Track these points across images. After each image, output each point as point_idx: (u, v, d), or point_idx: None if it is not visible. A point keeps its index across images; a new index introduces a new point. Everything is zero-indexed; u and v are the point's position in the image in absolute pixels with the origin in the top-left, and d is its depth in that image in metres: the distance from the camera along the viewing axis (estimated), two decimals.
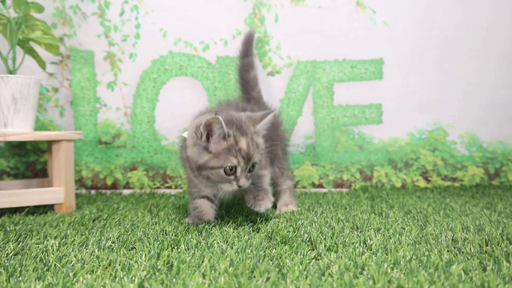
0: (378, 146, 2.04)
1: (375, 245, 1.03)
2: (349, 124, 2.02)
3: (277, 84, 1.98)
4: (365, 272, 0.84)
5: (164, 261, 0.93)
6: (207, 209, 1.34)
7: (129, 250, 1.05)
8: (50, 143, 1.53)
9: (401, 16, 1.98)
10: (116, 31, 1.92)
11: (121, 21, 1.92)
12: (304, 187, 2.03)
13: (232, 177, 1.21)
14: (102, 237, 1.13)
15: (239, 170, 1.20)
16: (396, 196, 1.80)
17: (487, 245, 1.05)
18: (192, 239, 1.09)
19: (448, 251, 1.00)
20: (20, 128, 1.52)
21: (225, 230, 1.19)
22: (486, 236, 1.10)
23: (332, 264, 0.90)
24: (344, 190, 2.02)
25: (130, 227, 1.26)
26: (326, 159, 2.02)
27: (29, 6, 1.58)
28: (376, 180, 2.05)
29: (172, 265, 0.91)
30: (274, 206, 1.58)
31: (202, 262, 0.93)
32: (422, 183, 2.06)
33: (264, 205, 1.31)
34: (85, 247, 1.06)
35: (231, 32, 1.95)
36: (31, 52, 1.66)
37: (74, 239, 1.12)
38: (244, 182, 1.21)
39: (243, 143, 1.20)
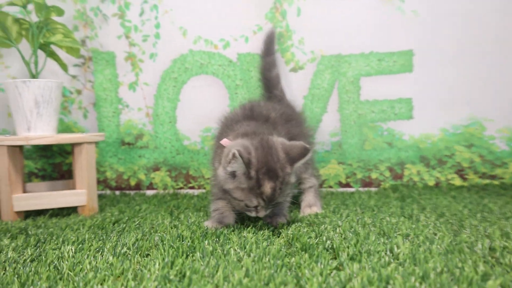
0: (408, 142, 1.93)
1: (403, 254, 0.95)
2: (377, 120, 1.92)
3: (301, 80, 1.91)
4: (389, 287, 0.77)
5: (177, 270, 0.90)
6: (228, 211, 1.29)
7: (144, 257, 1.02)
8: (73, 145, 1.53)
9: (432, 4, 1.87)
10: (136, 32, 1.90)
11: (141, 21, 1.90)
12: (331, 187, 1.95)
13: (253, 208, 1.19)
14: (119, 242, 1.11)
15: (259, 207, 1.19)
16: (429, 196, 1.71)
17: None
18: (208, 246, 1.05)
19: (484, 262, 0.91)
20: (43, 132, 1.52)
21: (244, 236, 1.15)
22: None
23: (355, 276, 0.84)
24: (373, 189, 1.93)
25: (148, 230, 1.23)
26: (353, 157, 1.94)
27: (49, 10, 1.58)
28: (407, 178, 1.95)
29: (184, 275, 0.87)
30: (299, 206, 1.53)
31: (217, 272, 0.88)
32: (457, 182, 1.95)
33: (280, 220, 1.31)
34: (100, 253, 1.04)
35: (252, 28, 1.89)
36: (53, 55, 1.66)
37: (92, 244, 1.11)
38: (264, 214, 1.21)
39: (267, 187, 1.14)
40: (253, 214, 1.21)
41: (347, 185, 1.95)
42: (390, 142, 1.94)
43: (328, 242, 1.05)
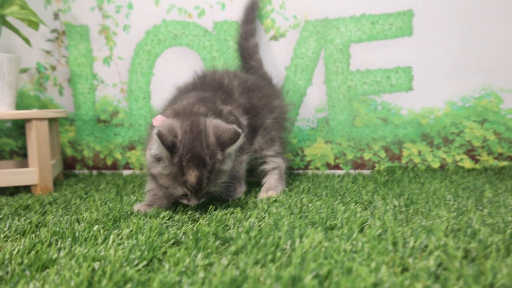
0: (407, 118, 1.68)
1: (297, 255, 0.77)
2: (370, 93, 1.69)
3: (282, 49, 1.71)
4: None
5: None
6: (162, 193, 1.16)
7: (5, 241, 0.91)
8: (25, 122, 1.46)
9: None
10: (109, 2, 1.79)
11: None
12: (317, 168, 1.76)
13: (183, 196, 1.08)
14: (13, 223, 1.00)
15: (189, 196, 1.07)
16: (422, 180, 1.47)
17: None
18: (97, 231, 0.93)
19: (389, 266, 0.71)
20: None
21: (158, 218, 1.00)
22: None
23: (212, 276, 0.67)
24: (366, 171, 1.71)
25: (73, 211, 1.13)
26: (342, 135, 1.72)
27: None
28: (407, 159, 1.71)
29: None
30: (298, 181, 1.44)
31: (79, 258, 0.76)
32: (467, 163, 1.68)
33: (237, 194, 1.24)
34: None
35: None
36: (13, 29, 1.60)
37: None
38: (196, 203, 1.08)
39: (191, 176, 1.02)
40: (185, 202, 1.09)
41: (336, 166, 1.75)
42: (385, 118, 1.70)
43: (228, 232, 0.89)
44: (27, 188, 1.51)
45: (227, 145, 1.05)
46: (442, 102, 1.66)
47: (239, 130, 1.06)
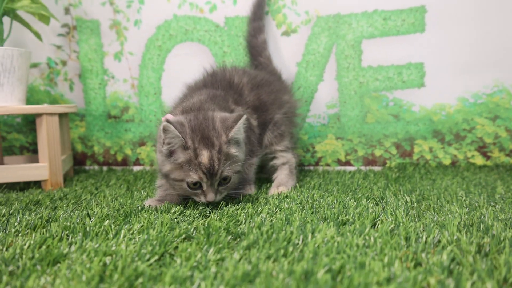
0: (419, 115, 1.67)
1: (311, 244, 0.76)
2: (381, 89, 1.67)
3: (293, 45, 1.70)
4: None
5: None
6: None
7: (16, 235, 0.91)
8: (35, 117, 1.47)
9: None
10: None
11: None
12: (328, 165, 1.75)
13: (199, 191, 1.07)
14: (24, 218, 1.01)
15: (204, 185, 1.06)
16: (434, 177, 1.46)
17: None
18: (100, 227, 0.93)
19: (404, 260, 0.70)
20: (6, 102, 1.47)
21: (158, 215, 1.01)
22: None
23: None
24: (377, 168, 1.70)
25: (84, 206, 1.13)
26: (353, 132, 1.71)
27: None
28: (418, 156, 1.69)
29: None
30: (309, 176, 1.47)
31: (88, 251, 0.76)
32: (479, 160, 1.66)
33: (246, 192, 1.25)
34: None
35: None
36: (24, 23, 1.60)
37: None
38: (213, 198, 1.07)
39: (204, 156, 1.03)
40: (201, 198, 1.08)
41: (347, 163, 1.74)
42: (396, 114, 1.68)
43: (240, 227, 0.89)
44: (37, 184, 1.52)
45: (230, 127, 1.06)
46: (454, 98, 1.64)
47: (242, 113, 1.09)
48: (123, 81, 1.83)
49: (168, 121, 1.03)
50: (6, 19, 1.56)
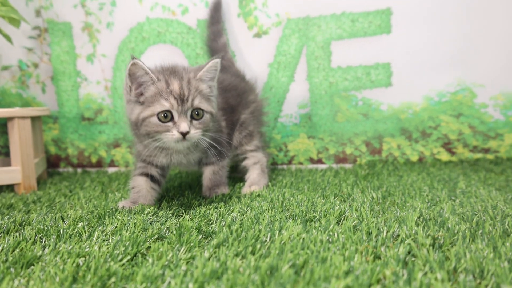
0: (387, 113, 1.73)
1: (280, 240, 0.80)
2: (350, 89, 1.73)
3: (265, 46, 1.74)
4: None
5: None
6: (145, 190, 1.19)
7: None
8: (7, 120, 1.46)
9: None
10: (92, 0, 1.79)
11: None
12: (301, 163, 1.79)
13: (170, 123, 1.06)
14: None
15: (175, 114, 1.06)
16: (400, 173, 1.52)
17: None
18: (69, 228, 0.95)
19: (361, 253, 0.75)
20: None
21: (132, 217, 1.02)
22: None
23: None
24: (347, 165, 1.76)
25: (58, 209, 1.15)
26: (324, 131, 1.76)
27: None
28: (387, 153, 1.76)
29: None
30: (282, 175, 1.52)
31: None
32: (444, 156, 1.73)
33: (220, 191, 1.27)
34: None
35: None
36: None
37: None
38: (186, 128, 1.04)
39: (175, 85, 1.08)
40: (174, 133, 1.05)
41: (319, 161, 1.79)
42: (365, 113, 1.74)
43: (211, 227, 0.92)
44: (10, 187, 1.52)
45: (200, 68, 1.14)
46: (420, 97, 1.71)
47: (214, 57, 1.15)
48: (96, 83, 1.84)
49: (135, 59, 1.07)
50: None
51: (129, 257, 0.78)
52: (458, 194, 1.19)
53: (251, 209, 1.07)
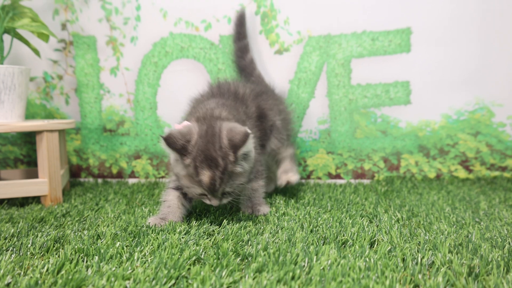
0: (405, 130, 1.76)
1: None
2: (370, 106, 1.76)
3: (286, 63, 1.77)
4: None
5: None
6: (175, 207, 1.21)
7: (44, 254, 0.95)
8: (35, 133, 1.49)
9: None
10: (117, 14, 1.83)
11: (121, 3, 1.82)
12: (319, 178, 1.82)
13: (204, 196, 1.14)
14: (36, 239, 1.04)
15: (210, 196, 1.13)
16: (420, 191, 1.54)
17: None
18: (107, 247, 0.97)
19: (410, 281, 0.77)
20: (6, 119, 1.49)
21: (153, 237, 1.05)
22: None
23: None
24: (366, 181, 1.78)
25: (89, 225, 1.17)
26: (343, 147, 1.79)
27: None
28: (404, 170, 1.78)
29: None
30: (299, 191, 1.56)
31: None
32: (461, 174, 1.76)
33: (262, 211, 1.27)
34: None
35: (235, 7, 1.76)
36: (22, 40, 1.62)
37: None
38: (217, 203, 1.13)
39: (205, 176, 1.08)
40: (207, 202, 1.15)
41: (338, 176, 1.81)
42: (384, 130, 1.77)
43: (246, 248, 0.94)
44: (35, 199, 1.55)
45: (238, 146, 1.09)
46: (438, 115, 1.74)
47: (249, 131, 1.11)
48: (119, 95, 1.87)
49: (168, 135, 1.08)
50: (6, 37, 1.58)
51: (173, 281, 0.80)
52: (482, 216, 1.22)
53: (281, 229, 1.09)
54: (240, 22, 1.69)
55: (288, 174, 1.44)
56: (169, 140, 1.08)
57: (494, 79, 1.69)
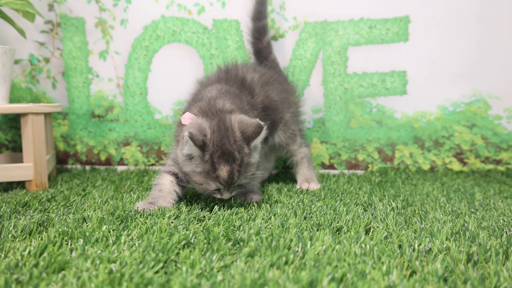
0: (401, 121, 1.73)
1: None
2: (365, 96, 1.73)
3: (281, 49, 1.73)
4: None
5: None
6: (167, 191, 1.17)
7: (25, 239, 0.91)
8: (20, 116, 1.44)
9: None
10: None
11: None
12: None
13: (215, 191, 1.13)
14: (18, 222, 1.00)
15: (222, 190, 1.12)
16: (415, 182, 1.52)
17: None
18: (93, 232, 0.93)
19: (408, 267, 0.74)
20: None
21: (139, 221, 1.01)
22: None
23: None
24: (359, 172, 1.75)
25: (75, 209, 1.13)
26: (337, 136, 1.76)
27: None
28: (399, 161, 1.76)
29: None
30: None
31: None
32: (456, 166, 1.74)
33: (255, 198, 1.24)
34: None
35: None
36: (8, 19, 1.56)
37: None
38: (228, 196, 1.14)
39: (223, 171, 1.08)
40: (218, 196, 1.14)
41: (331, 166, 1.78)
42: (379, 120, 1.74)
43: (237, 233, 0.91)
44: (20, 184, 1.50)
45: (251, 138, 1.10)
46: (434, 106, 1.71)
47: (262, 123, 1.11)
48: (108, 80, 1.81)
49: (191, 134, 1.05)
50: None
51: (161, 264, 0.76)
52: (477, 206, 1.20)
53: (274, 215, 1.06)
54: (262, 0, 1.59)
55: (310, 184, 1.43)
56: (194, 138, 1.05)
57: (492, 72, 1.67)
